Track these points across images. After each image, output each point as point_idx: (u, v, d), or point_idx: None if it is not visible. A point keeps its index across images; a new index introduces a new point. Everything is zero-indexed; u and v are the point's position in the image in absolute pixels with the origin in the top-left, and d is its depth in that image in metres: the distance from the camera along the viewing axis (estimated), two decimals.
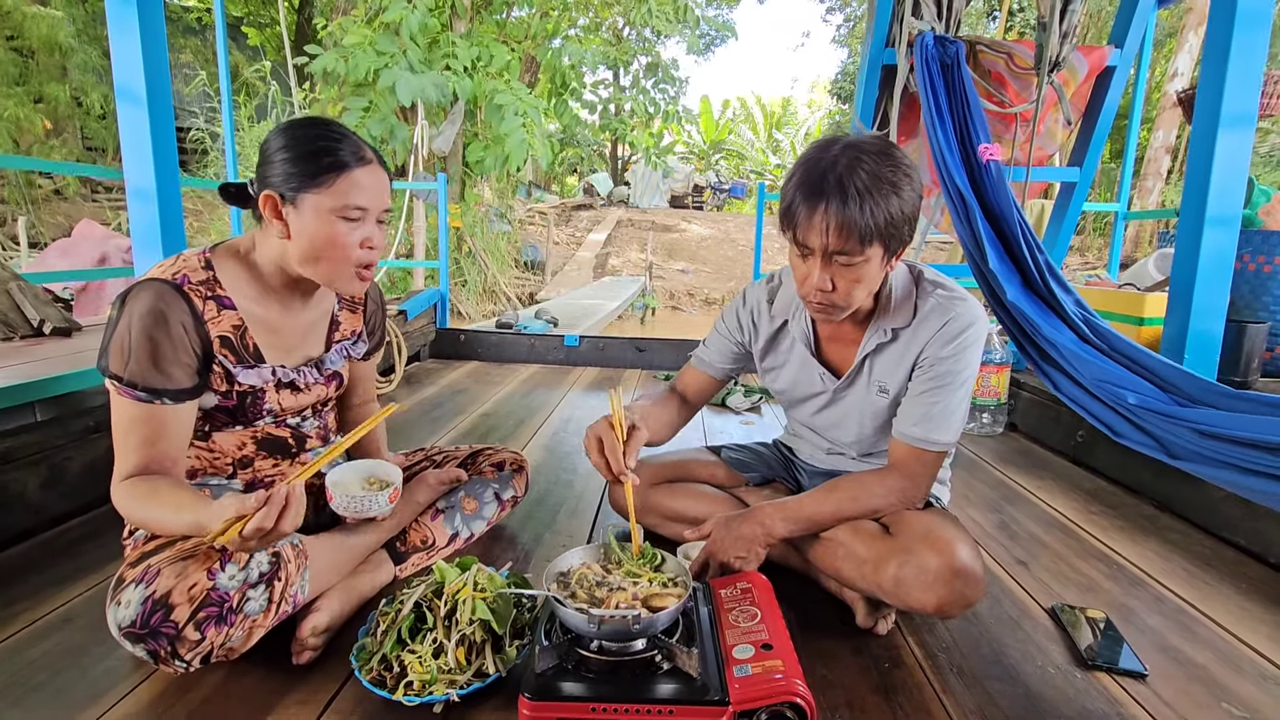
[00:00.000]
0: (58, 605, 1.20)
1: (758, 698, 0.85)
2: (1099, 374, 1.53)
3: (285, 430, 1.21)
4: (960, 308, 1.14)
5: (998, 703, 1.01)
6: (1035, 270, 1.82)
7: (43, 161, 6.98)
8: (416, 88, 5.74)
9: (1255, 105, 1.89)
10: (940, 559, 1.02)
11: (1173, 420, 1.36)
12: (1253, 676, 1.10)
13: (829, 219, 1.00)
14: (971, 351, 1.14)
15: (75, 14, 8.64)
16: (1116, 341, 1.62)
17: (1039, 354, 1.69)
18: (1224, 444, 1.26)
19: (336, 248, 1.04)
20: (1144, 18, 2.40)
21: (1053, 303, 1.75)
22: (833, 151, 1.03)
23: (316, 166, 1.02)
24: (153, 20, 1.92)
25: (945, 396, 1.14)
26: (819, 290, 1.07)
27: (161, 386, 0.99)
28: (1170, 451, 1.38)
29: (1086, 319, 1.71)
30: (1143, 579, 1.43)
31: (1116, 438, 1.48)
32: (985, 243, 1.86)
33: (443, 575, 1.05)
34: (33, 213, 7.64)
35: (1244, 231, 2.60)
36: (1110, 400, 1.50)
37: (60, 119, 8.57)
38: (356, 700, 0.96)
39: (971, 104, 2.12)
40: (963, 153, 2.08)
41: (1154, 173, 9.47)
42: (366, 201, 1.05)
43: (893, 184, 1.01)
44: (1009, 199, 1.94)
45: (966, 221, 1.92)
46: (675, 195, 18.34)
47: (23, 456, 1.48)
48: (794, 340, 1.31)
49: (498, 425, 2.49)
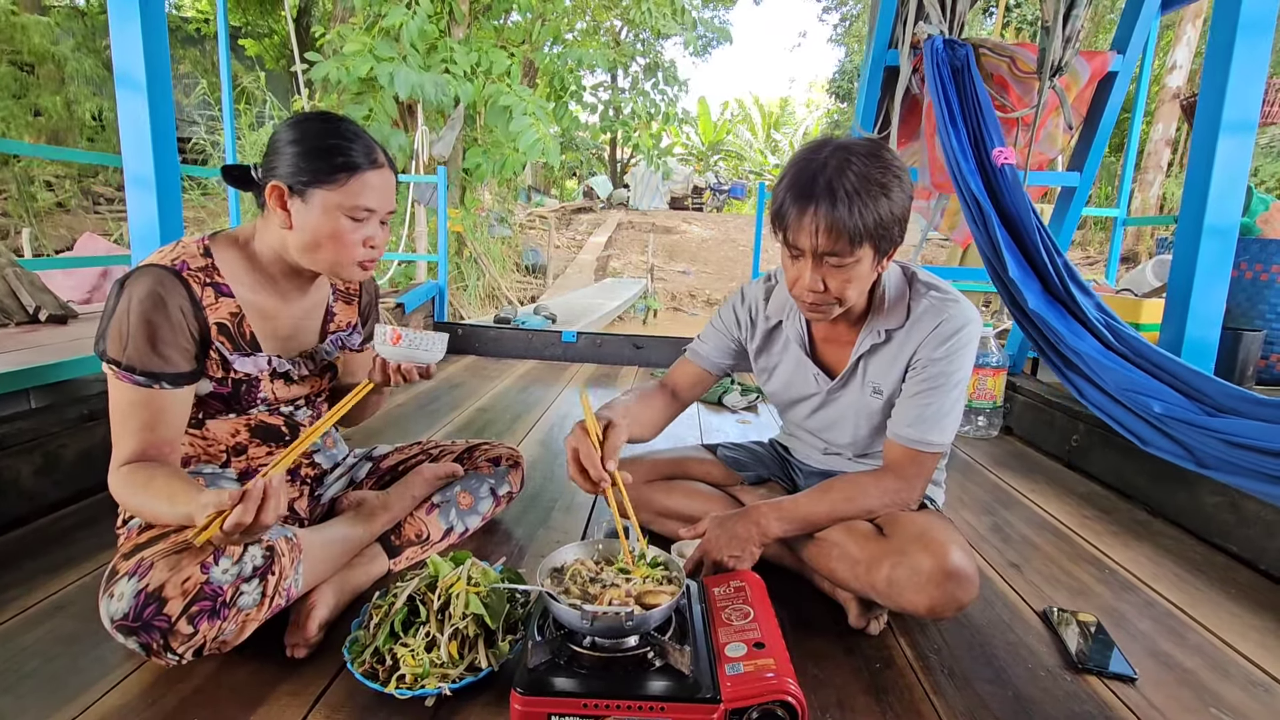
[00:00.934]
0: (50, 593, 1.20)
1: (749, 696, 0.85)
2: (1124, 382, 1.51)
3: (279, 419, 1.21)
4: (953, 309, 1.14)
5: (988, 704, 1.01)
6: (1055, 275, 1.80)
7: (42, 148, 6.95)
8: (415, 82, 5.73)
9: (1256, 113, 1.89)
10: (933, 560, 1.03)
11: (1201, 430, 1.35)
12: (1241, 682, 1.10)
13: (818, 220, 1.01)
14: (965, 353, 1.15)
15: (75, 27, 8.62)
16: (1141, 347, 1.60)
17: (1063, 362, 1.68)
18: (1254, 454, 1.26)
19: (339, 243, 1.05)
20: (1147, 24, 2.40)
21: (1074, 308, 1.74)
22: (823, 154, 1.04)
23: (329, 164, 1.03)
24: (154, 7, 1.91)
25: (939, 397, 1.14)
26: (810, 291, 1.08)
27: (160, 370, 0.99)
28: (1200, 461, 1.37)
29: (1109, 324, 1.70)
30: (1134, 583, 1.43)
31: (1144, 446, 1.47)
32: (1004, 250, 1.84)
33: (437, 569, 1.05)
34: (35, 225, 7.61)
35: (1242, 239, 2.62)
36: (1137, 409, 1.49)
37: (59, 131, 8.54)
38: (348, 693, 0.96)
39: (984, 107, 2.11)
40: (977, 157, 2.06)
41: (1154, 165, 9.52)
42: (374, 203, 1.07)
43: (882, 185, 1.01)
44: (1025, 203, 1.92)
45: (983, 228, 1.91)
46: (675, 197, 18.32)
47: (17, 443, 1.48)
48: (788, 340, 1.31)
49: (494, 420, 2.49)
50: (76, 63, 8.16)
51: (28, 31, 7.80)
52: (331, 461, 1.35)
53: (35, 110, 8.24)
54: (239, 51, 10.73)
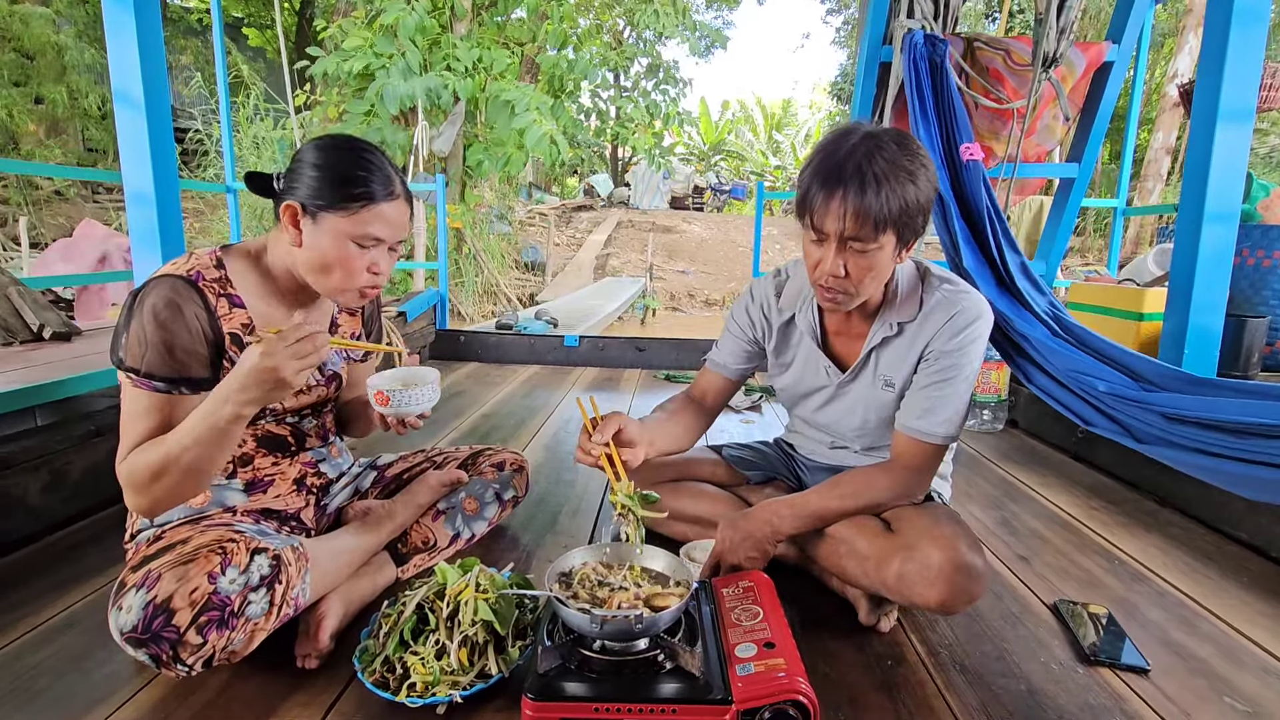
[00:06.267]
0: (60, 610, 1.20)
1: (760, 696, 0.85)
2: (1070, 364, 1.58)
3: (285, 429, 1.21)
4: (966, 301, 1.15)
5: (1000, 699, 1.01)
6: (1005, 271, 1.87)
7: (41, 165, 6.98)
8: (405, 93, 5.74)
9: (1254, 100, 1.89)
10: (943, 554, 1.02)
11: (1139, 405, 1.40)
12: (1254, 670, 1.10)
13: (846, 204, 1.01)
14: (977, 345, 1.16)
15: (76, 15, 8.63)
16: (1086, 336, 1.68)
17: (1012, 348, 1.75)
18: (1188, 427, 1.29)
19: (344, 268, 1.06)
20: (1141, 14, 2.40)
21: (1023, 301, 1.80)
22: (851, 140, 1.04)
23: (345, 193, 1.04)
24: (149, 24, 1.92)
25: (949, 389, 1.15)
26: (831, 276, 1.08)
27: (179, 376, 1.00)
28: (1137, 436, 1.41)
29: (1057, 316, 1.77)
30: (1144, 574, 1.43)
31: (1087, 426, 1.53)
32: (961, 241, 1.93)
33: (445, 576, 1.05)
34: (33, 213, 7.63)
35: (1243, 226, 2.61)
36: (1080, 389, 1.54)
37: (60, 120, 8.57)
38: (359, 702, 0.96)
39: (955, 104, 2.14)
40: (945, 152, 2.11)
41: (1154, 174, 9.48)
42: (384, 234, 1.07)
43: (909, 172, 1.02)
44: (981, 197, 1.98)
45: (943, 220, 1.98)
46: (675, 196, 18.33)
47: (23, 461, 1.48)
48: (801, 334, 1.31)
49: (498, 426, 2.49)
50: (78, 52, 8.16)
51: (29, 22, 7.82)
52: (337, 471, 1.35)
53: (37, 98, 8.24)
54: (242, 41, 10.73)
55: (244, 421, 0.95)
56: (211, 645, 0.90)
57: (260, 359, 0.90)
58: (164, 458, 0.95)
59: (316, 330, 0.93)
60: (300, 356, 0.91)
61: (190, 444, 0.94)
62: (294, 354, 0.91)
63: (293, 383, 0.92)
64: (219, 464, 0.98)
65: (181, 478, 0.96)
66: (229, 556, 0.95)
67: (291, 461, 1.23)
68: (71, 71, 8.26)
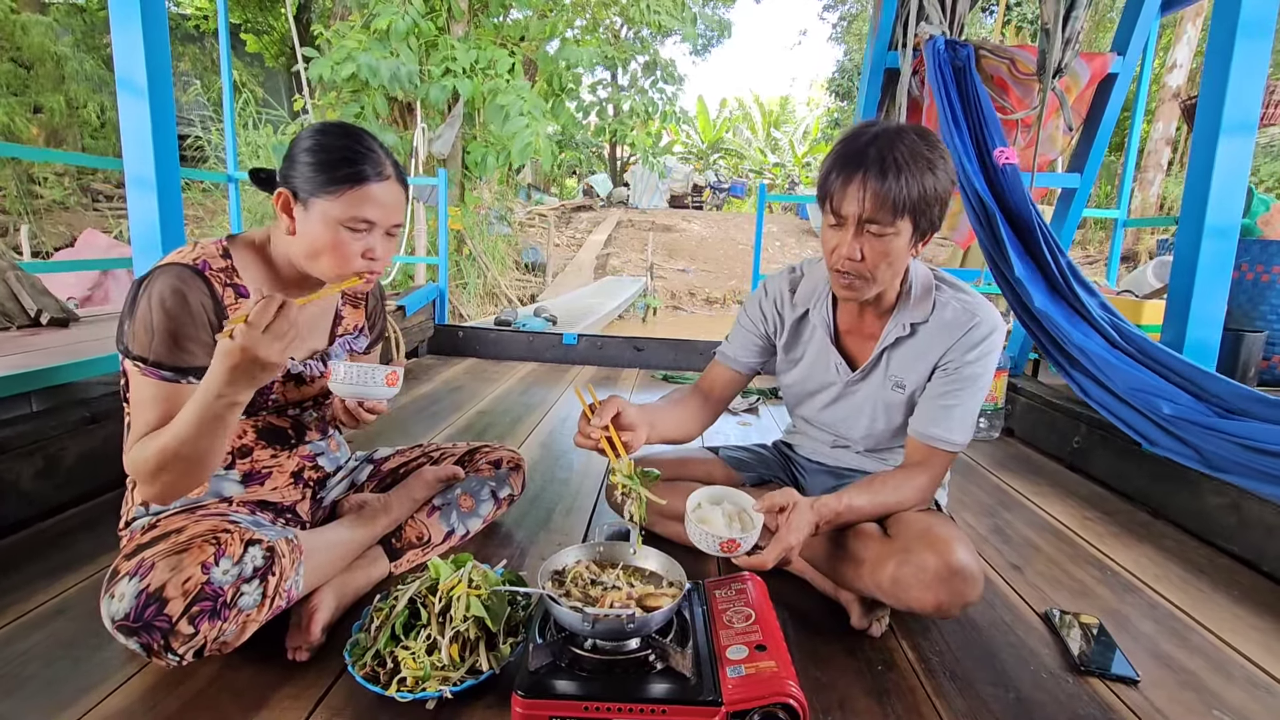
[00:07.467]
0: (51, 596, 1.20)
1: (750, 698, 0.85)
2: (1132, 382, 1.52)
3: (285, 420, 1.21)
4: (983, 312, 1.17)
5: (990, 707, 1.01)
6: (1059, 274, 1.82)
7: (43, 150, 6.95)
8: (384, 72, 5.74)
9: (1256, 115, 1.89)
10: (938, 558, 1.03)
11: (1211, 432, 1.35)
12: (1243, 683, 1.10)
13: (866, 187, 1.04)
14: (993, 356, 1.18)
15: (74, 24, 8.62)
16: (1148, 347, 1.61)
17: (1068, 360, 1.69)
18: (1267, 458, 1.26)
19: (337, 254, 1.05)
20: (1146, 25, 2.40)
21: (1079, 307, 1.75)
22: (873, 129, 1.08)
23: (333, 175, 1.03)
24: (155, 9, 1.91)
25: (967, 399, 1.18)
26: (847, 259, 1.10)
27: (186, 364, 1.00)
28: (1210, 463, 1.37)
29: (1114, 323, 1.71)
30: (1136, 585, 1.43)
31: (1152, 447, 1.47)
32: (1009, 249, 1.86)
33: (438, 572, 1.05)
34: (34, 222, 7.61)
35: (1242, 240, 2.62)
36: (1145, 409, 1.49)
37: (59, 128, 8.54)
38: (349, 695, 0.96)
39: (985, 108, 2.12)
40: (979, 157, 2.08)
41: (1154, 164, 9.55)
42: (375, 216, 1.06)
43: (929, 161, 1.05)
44: (1027, 201, 1.94)
45: (988, 227, 1.92)
46: (675, 195, 18.33)
47: (18, 447, 1.48)
48: (814, 329, 1.32)
49: (495, 422, 2.49)
50: (76, 62, 8.16)
51: (28, 30, 7.80)
52: (334, 464, 1.35)
53: (35, 108, 8.22)
54: (238, 48, 10.73)
55: (239, 409, 0.95)
56: (203, 635, 0.90)
57: (239, 353, 0.87)
58: (164, 449, 0.94)
59: (279, 300, 0.88)
60: (279, 336, 0.88)
61: (188, 435, 0.93)
62: (273, 335, 0.87)
63: (278, 363, 0.89)
64: (220, 452, 0.98)
65: (184, 468, 0.96)
66: (223, 547, 0.95)
67: (290, 454, 1.23)
68: (70, 81, 8.25)
